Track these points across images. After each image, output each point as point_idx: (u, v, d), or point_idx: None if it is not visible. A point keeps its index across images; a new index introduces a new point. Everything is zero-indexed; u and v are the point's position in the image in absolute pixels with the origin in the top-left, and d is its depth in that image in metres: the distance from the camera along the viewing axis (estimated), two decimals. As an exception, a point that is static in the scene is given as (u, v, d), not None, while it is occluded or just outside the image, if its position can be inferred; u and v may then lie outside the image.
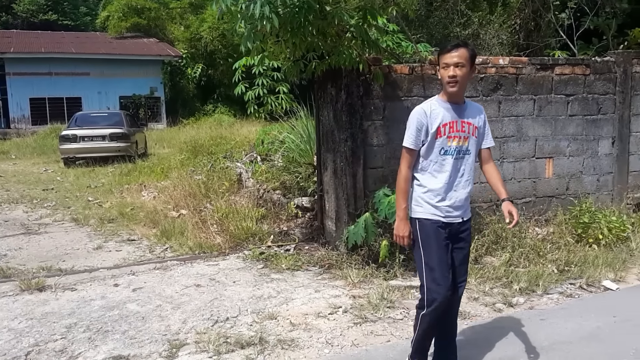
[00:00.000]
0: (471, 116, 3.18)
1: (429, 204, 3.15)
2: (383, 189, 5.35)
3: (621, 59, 6.72)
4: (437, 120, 3.10)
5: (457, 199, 3.16)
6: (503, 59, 6.26)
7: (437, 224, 3.13)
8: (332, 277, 5.12)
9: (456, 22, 7.79)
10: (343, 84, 5.50)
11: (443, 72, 3.09)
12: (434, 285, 3.11)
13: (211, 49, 27.28)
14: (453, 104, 3.14)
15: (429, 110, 3.12)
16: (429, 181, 3.16)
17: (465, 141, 3.15)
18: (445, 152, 3.13)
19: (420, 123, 3.11)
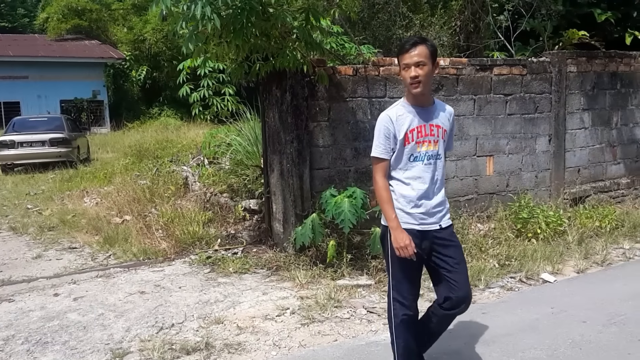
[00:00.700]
0: (440, 118, 3.03)
1: (402, 211, 3.00)
2: (330, 190, 5.38)
3: (556, 59, 7.00)
4: (404, 126, 2.95)
5: (431, 205, 3.02)
6: (444, 60, 6.41)
7: (410, 232, 2.96)
8: (280, 279, 5.11)
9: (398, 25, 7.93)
10: (288, 85, 5.50)
11: (404, 73, 2.93)
12: (398, 300, 3.08)
13: (155, 50, 26.72)
14: (419, 107, 2.99)
15: (395, 116, 2.96)
16: (401, 188, 3.01)
17: (436, 145, 3.01)
18: (415, 158, 2.98)
19: (387, 130, 2.96)
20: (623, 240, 6.06)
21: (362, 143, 5.87)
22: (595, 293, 4.67)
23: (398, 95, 5.96)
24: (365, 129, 5.88)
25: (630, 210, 7.10)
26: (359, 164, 5.87)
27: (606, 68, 7.46)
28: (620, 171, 7.76)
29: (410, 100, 3.00)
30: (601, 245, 5.77)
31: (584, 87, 7.26)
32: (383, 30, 8.00)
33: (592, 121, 7.39)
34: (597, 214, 6.39)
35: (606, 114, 7.54)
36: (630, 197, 7.70)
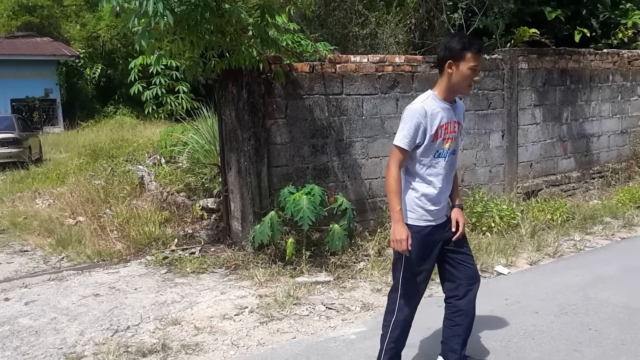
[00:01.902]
0: (459, 115, 3.04)
1: (422, 209, 2.97)
2: (288, 187, 5.37)
3: (508, 56, 7.16)
4: (436, 121, 2.90)
5: (445, 200, 3.04)
6: (399, 57, 6.47)
7: (428, 229, 2.98)
8: (238, 277, 5.07)
9: (354, 22, 7.98)
10: (244, 82, 5.46)
11: (469, 73, 2.87)
12: (410, 298, 3.11)
13: (110, 48, 26.11)
14: (448, 103, 2.96)
15: (430, 111, 2.89)
16: (422, 186, 2.96)
17: (454, 142, 3.00)
18: (439, 154, 2.95)
19: (419, 123, 2.87)
20: (574, 232, 6.25)
21: (319, 140, 5.87)
22: (547, 284, 4.80)
23: (354, 92, 6.01)
24: (323, 126, 5.89)
25: (580, 203, 7.34)
26: (317, 161, 5.87)
27: (556, 65, 7.68)
28: (570, 165, 8.01)
29: (442, 96, 2.96)
30: (553, 237, 5.94)
31: (535, 83, 7.45)
32: (339, 28, 8.03)
33: (544, 117, 7.60)
34: (549, 207, 6.58)
35: (557, 109, 7.76)
36: (580, 190, 7.95)
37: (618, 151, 8.60)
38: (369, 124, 6.17)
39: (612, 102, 8.43)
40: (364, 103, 6.13)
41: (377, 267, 5.14)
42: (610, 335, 3.80)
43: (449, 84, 2.94)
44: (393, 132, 6.32)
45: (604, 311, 4.21)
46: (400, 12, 8.58)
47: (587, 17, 9.87)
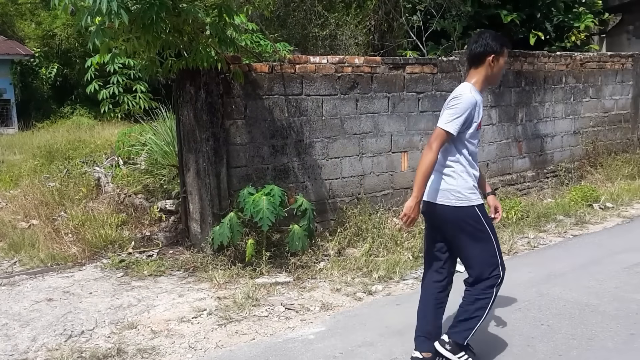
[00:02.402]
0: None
1: (474, 187, 3.22)
2: (247, 188, 5.34)
3: (465, 58, 7.28)
4: (480, 110, 3.23)
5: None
6: (358, 58, 6.51)
7: (482, 205, 3.26)
8: (197, 280, 5.02)
9: (314, 23, 8.00)
10: (202, 82, 5.40)
11: (504, 66, 3.31)
12: (502, 263, 3.29)
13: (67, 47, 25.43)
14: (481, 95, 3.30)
15: (479, 101, 3.20)
16: (472, 170, 3.24)
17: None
18: (478, 141, 3.32)
19: (471, 113, 3.13)
20: (528, 230, 6.41)
21: (279, 141, 5.87)
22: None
23: (314, 92, 6.02)
24: (283, 127, 5.88)
25: (535, 202, 7.54)
26: (277, 162, 5.86)
27: (511, 67, 7.86)
28: (525, 165, 8.21)
29: (479, 87, 3.28)
30: (508, 235, 6.08)
31: (491, 85, 7.60)
32: (299, 29, 8.04)
33: (499, 117, 7.77)
34: (504, 205, 6.72)
35: (512, 110, 7.95)
36: (535, 189, 8.16)
37: (571, 151, 8.86)
38: (329, 125, 6.19)
39: (565, 103, 8.68)
40: (324, 104, 6.15)
41: (337, 267, 5.17)
42: (561, 330, 3.92)
43: (487, 77, 3.29)
44: (353, 132, 6.38)
45: (555, 307, 4.33)
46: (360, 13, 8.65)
47: (541, 20, 10.16)
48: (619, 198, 7.70)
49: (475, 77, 3.29)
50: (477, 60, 3.29)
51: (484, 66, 3.26)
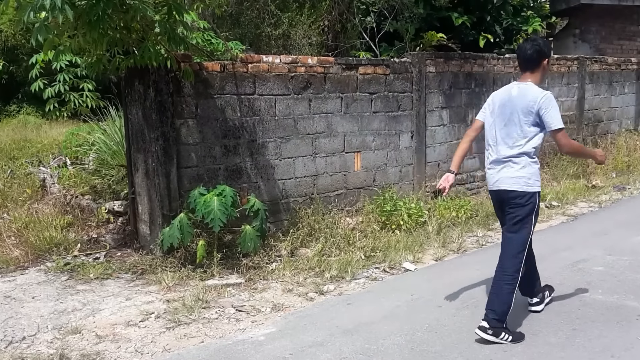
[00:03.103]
0: None
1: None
2: (198, 188, 5.26)
3: (416, 59, 7.39)
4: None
5: None
6: (312, 58, 6.52)
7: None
8: (145, 282, 4.91)
9: (267, 22, 7.95)
10: (151, 80, 5.30)
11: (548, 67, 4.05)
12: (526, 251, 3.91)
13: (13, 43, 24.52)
14: None
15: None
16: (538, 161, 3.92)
17: None
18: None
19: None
20: (477, 229, 6.55)
21: (232, 140, 5.81)
22: (451, 279, 4.99)
23: (267, 92, 5.99)
24: (235, 126, 5.82)
25: (484, 201, 7.69)
26: (229, 162, 5.80)
27: (462, 69, 8.02)
28: (475, 165, 8.39)
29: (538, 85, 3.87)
30: (457, 234, 6.19)
31: (442, 86, 7.75)
32: (252, 28, 7.98)
33: (450, 118, 7.92)
34: (454, 205, 6.85)
35: (462, 111, 8.10)
36: (484, 189, 8.34)
37: (519, 151, 9.08)
38: (282, 125, 6.17)
39: (513, 105, 8.89)
40: (277, 103, 6.12)
41: (290, 268, 5.15)
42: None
43: (542, 76, 3.92)
44: (306, 132, 6.38)
45: (501, 303, 4.42)
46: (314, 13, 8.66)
47: (491, 23, 10.39)
48: (564, 197, 7.96)
49: (532, 79, 3.86)
50: (534, 64, 3.87)
51: (540, 69, 3.88)
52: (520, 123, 3.80)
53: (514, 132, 3.84)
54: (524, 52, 3.88)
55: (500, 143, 3.92)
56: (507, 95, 3.91)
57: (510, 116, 3.84)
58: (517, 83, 3.92)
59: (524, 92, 3.80)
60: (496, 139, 3.96)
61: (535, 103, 3.72)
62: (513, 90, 3.89)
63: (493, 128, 3.99)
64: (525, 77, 3.87)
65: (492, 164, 4.01)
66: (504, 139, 3.90)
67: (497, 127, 3.94)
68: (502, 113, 3.90)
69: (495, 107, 3.99)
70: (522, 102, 3.78)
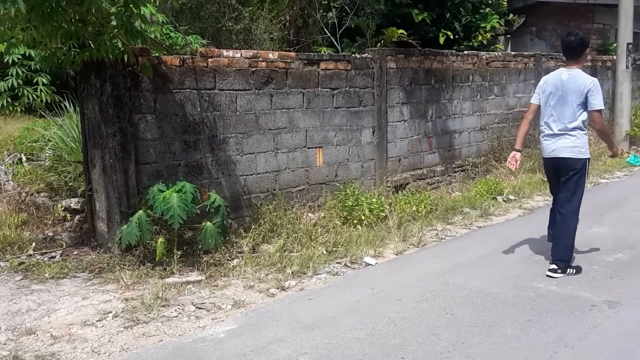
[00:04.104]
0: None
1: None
2: (158, 185, 5.19)
3: (377, 55, 7.44)
4: None
5: None
6: (273, 53, 6.49)
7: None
8: (103, 281, 4.82)
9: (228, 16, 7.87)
10: (108, 75, 5.18)
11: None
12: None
13: (-36, 34, 23.66)
14: None
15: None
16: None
17: None
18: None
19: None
20: (436, 223, 6.65)
21: (192, 136, 5.74)
22: (411, 272, 5.07)
23: (228, 87, 5.94)
24: (195, 122, 5.76)
25: (443, 195, 7.84)
26: (189, 158, 5.74)
27: (422, 65, 8.11)
28: (435, 160, 8.52)
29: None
30: (418, 228, 6.28)
31: (403, 82, 7.82)
32: (212, 22, 7.89)
33: (411, 114, 8.01)
34: (415, 199, 6.94)
35: (422, 107, 8.20)
36: (444, 183, 8.49)
37: (477, 146, 9.28)
38: (243, 120, 6.13)
39: (472, 101, 9.08)
40: (238, 99, 6.08)
41: (251, 264, 5.13)
42: (464, 318, 4.09)
43: (583, 63, 4.91)
44: (268, 128, 6.35)
45: (459, 296, 4.52)
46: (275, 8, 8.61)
47: (451, 20, 10.53)
48: (521, 191, 8.15)
49: (577, 66, 4.83)
50: (578, 52, 4.82)
51: (582, 57, 4.87)
52: (572, 102, 4.75)
53: (567, 109, 4.78)
54: (569, 44, 4.83)
55: (556, 119, 4.85)
56: (559, 79, 4.85)
57: (563, 96, 4.79)
58: (565, 69, 4.87)
59: (574, 76, 4.75)
60: (551, 116, 4.88)
61: (585, 86, 4.69)
62: (563, 75, 4.84)
63: (548, 107, 4.91)
64: (571, 65, 4.85)
65: (548, 137, 4.94)
66: (559, 115, 4.83)
67: (552, 106, 4.87)
68: (555, 95, 4.84)
69: (547, 90, 4.93)
70: (574, 85, 4.74)
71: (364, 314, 4.16)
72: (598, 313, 4.14)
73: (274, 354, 3.58)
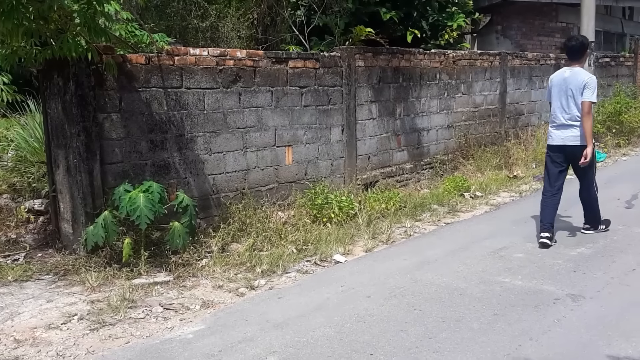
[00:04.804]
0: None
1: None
2: (124, 185, 5.11)
3: (346, 54, 7.47)
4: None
5: None
6: (240, 51, 6.45)
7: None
8: (68, 283, 4.73)
9: (194, 14, 7.79)
10: (71, 73, 5.09)
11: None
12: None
13: None
14: None
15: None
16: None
17: None
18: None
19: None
20: (405, 220, 6.71)
21: (159, 135, 5.67)
22: (380, 269, 5.11)
23: (195, 85, 5.89)
24: (162, 121, 5.69)
25: (412, 192, 7.91)
26: (156, 157, 5.67)
27: (390, 63, 8.16)
28: (404, 157, 8.59)
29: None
30: (387, 225, 6.33)
31: (371, 80, 7.87)
32: (178, 20, 7.80)
33: (379, 112, 8.06)
34: (384, 197, 6.99)
35: (391, 105, 8.26)
36: (412, 181, 8.57)
37: (445, 144, 9.40)
38: (211, 119, 6.08)
39: (440, 99, 9.18)
40: (205, 97, 6.03)
41: (220, 264, 5.10)
42: (432, 314, 4.14)
43: (584, 62, 5.67)
44: (236, 126, 6.32)
45: (427, 292, 4.58)
46: (242, 6, 8.56)
47: (418, 19, 10.63)
48: (488, 187, 8.29)
49: (578, 65, 5.62)
50: (579, 54, 5.64)
51: (583, 57, 5.69)
52: (574, 96, 5.50)
53: (570, 103, 5.54)
54: (572, 47, 5.64)
55: (562, 112, 5.60)
56: (562, 77, 5.65)
57: (567, 91, 5.55)
58: (568, 68, 5.67)
59: (575, 73, 5.54)
60: (558, 107, 5.64)
61: (583, 81, 5.44)
62: (565, 73, 5.63)
63: (555, 101, 5.69)
64: (573, 64, 5.64)
65: (556, 127, 5.68)
66: (564, 108, 5.59)
67: (558, 101, 5.64)
68: (560, 90, 5.61)
69: (554, 87, 5.69)
70: (575, 81, 5.49)
71: (333, 312, 4.18)
72: (562, 306, 4.24)
73: (243, 353, 3.57)
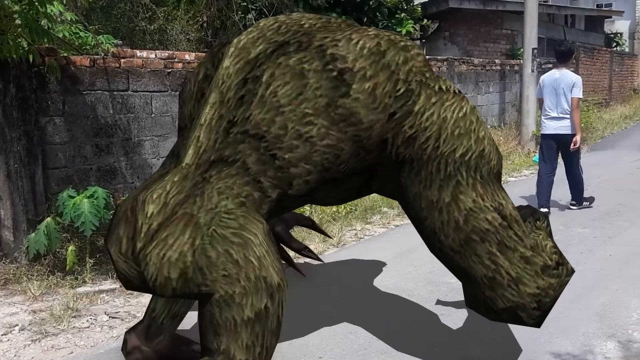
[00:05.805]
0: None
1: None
2: (67, 190, 4.98)
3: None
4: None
5: None
6: (189, 54, 6.40)
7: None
8: (9, 293, 4.56)
9: (141, 16, 7.66)
10: (12, 75, 4.94)
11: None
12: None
13: None
14: None
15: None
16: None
17: None
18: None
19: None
20: (356, 223, 6.78)
21: (104, 139, 5.56)
22: (331, 273, 5.14)
23: (142, 88, 5.80)
24: (108, 124, 5.58)
25: (363, 196, 7.99)
26: (101, 162, 5.55)
27: (340, 68, 8.22)
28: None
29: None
30: (337, 228, 6.37)
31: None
32: (125, 21, 7.65)
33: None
34: (335, 200, 7.04)
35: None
36: (364, 184, 8.65)
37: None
38: (159, 122, 6.00)
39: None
40: (153, 100, 5.94)
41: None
42: (381, 316, 4.20)
43: (570, 64, 6.67)
44: (185, 130, 6.23)
45: (377, 293, 4.64)
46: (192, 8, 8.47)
47: (368, 24, 10.77)
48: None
49: (565, 67, 6.81)
50: (567, 58, 6.85)
51: (569, 60, 7.01)
52: (564, 93, 6.65)
53: (561, 99, 6.67)
54: (561, 52, 6.77)
55: (555, 107, 6.71)
56: (553, 77, 6.76)
57: (558, 90, 6.68)
58: (557, 70, 6.79)
59: (564, 74, 6.72)
60: (551, 103, 6.75)
61: (572, 81, 6.65)
62: (555, 74, 6.75)
63: (547, 98, 6.79)
64: (561, 66, 6.81)
65: (550, 119, 6.78)
66: (555, 103, 6.71)
67: (550, 98, 6.76)
68: (552, 89, 6.73)
69: (546, 86, 6.81)
70: (565, 80, 6.68)
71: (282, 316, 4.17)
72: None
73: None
